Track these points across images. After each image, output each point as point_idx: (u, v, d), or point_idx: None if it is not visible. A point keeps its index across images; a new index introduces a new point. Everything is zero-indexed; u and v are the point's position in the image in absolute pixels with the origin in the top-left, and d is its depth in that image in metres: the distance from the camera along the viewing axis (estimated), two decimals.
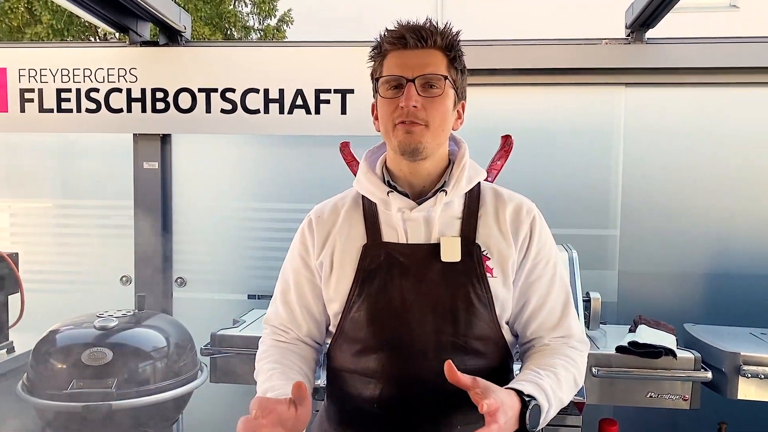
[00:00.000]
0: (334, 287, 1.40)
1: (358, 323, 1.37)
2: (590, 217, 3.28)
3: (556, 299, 1.41)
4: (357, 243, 1.40)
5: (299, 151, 3.40)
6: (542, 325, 1.41)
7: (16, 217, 3.64)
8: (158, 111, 3.29)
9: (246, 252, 3.48)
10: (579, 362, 1.39)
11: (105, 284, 3.52)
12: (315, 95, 3.23)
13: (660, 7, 2.81)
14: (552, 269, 1.42)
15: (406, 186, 1.41)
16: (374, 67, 1.40)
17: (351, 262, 1.39)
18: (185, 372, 2.49)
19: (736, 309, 3.17)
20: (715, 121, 3.21)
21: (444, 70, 1.33)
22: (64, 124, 3.36)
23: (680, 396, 2.50)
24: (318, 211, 1.50)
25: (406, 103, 1.29)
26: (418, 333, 1.34)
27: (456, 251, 1.35)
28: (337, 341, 1.43)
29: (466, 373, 1.17)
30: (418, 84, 1.30)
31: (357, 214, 1.44)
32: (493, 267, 1.36)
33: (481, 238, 1.38)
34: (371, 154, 1.50)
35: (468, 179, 1.41)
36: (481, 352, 1.36)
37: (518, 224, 1.40)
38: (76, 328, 2.45)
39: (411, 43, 1.31)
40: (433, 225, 1.36)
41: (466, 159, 1.42)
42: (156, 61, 3.31)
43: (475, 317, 1.34)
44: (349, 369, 1.41)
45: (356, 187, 1.46)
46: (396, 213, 1.37)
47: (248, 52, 3.36)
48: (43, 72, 3.35)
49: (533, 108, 3.30)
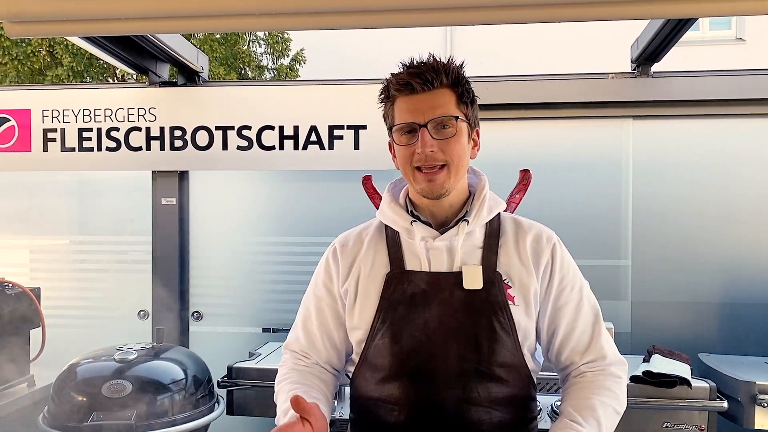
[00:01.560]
0: (358, 315, 1.43)
1: (382, 351, 1.39)
2: (602, 248, 3.29)
3: (584, 323, 1.44)
4: (381, 271, 1.43)
5: (314, 186, 3.46)
6: (575, 350, 1.43)
7: (37, 254, 3.71)
8: (176, 149, 3.38)
9: (261, 286, 3.52)
10: (618, 391, 1.40)
11: (123, 318, 3.57)
12: (329, 131, 3.30)
13: (665, 41, 2.87)
14: (578, 294, 1.45)
15: (428, 216, 1.45)
16: (385, 109, 1.44)
17: (375, 290, 1.42)
18: (202, 404, 2.51)
19: (751, 338, 3.16)
20: (722, 152, 3.24)
21: (454, 108, 1.36)
22: (86, 162, 3.45)
23: (697, 426, 2.48)
24: (343, 240, 1.54)
25: (422, 149, 1.33)
26: (441, 360, 1.36)
27: (478, 279, 1.38)
28: (360, 369, 1.45)
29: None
30: (431, 127, 1.34)
31: (381, 243, 1.47)
32: (515, 295, 1.39)
33: (502, 267, 1.41)
34: (394, 186, 1.54)
35: (489, 209, 1.44)
36: (504, 380, 1.37)
37: (539, 252, 1.43)
38: (95, 361, 2.49)
39: (418, 89, 1.34)
40: (455, 254, 1.40)
41: (486, 190, 1.46)
42: (174, 101, 3.41)
43: (498, 344, 1.36)
44: (372, 397, 1.43)
45: (379, 217, 1.50)
46: (419, 242, 1.40)
47: (263, 91, 3.46)
48: (65, 112, 3.45)
49: (543, 141, 3.35)
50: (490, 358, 1.36)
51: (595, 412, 1.33)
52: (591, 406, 1.34)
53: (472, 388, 1.35)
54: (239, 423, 2.89)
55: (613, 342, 1.49)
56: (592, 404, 1.34)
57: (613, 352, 1.46)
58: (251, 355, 2.92)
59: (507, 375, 1.38)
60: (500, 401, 1.20)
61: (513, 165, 2.68)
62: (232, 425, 2.95)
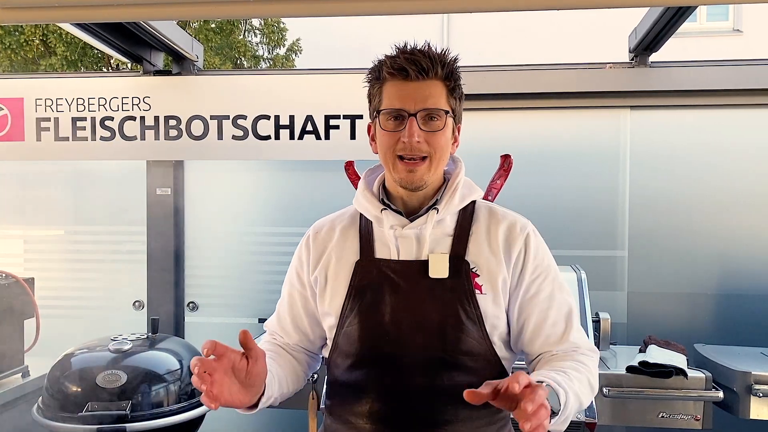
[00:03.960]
0: (329, 302, 1.43)
1: (351, 338, 1.40)
2: (599, 239, 3.29)
3: (557, 313, 1.41)
4: (351, 259, 1.43)
5: (309, 176, 3.45)
6: (547, 340, 1.40)
7: (31, 244, 3.69)
8: (171, 138, 3.36)
9: (257, 276, 3.51)
10: (590, 365, 1.37)
11: (118, 309, 3.56)
12: (325, 121, 3.28)
13: (663, 30, 2.86)
14: (550, 284, 1.42)
15: (400, 204, 1.43)
16: (372, 92, 1.41)
17: (344, 278, 1.42)
18: (198, 394, 2.50)
19: (746, 328, 3.16)
20: (720, 142, 3.24)
21: (444, 102, 1.34)
22: (79, 152, 3.43)
23: (692, 416, 2.49)
24: (316, 227, 1.55)
25: (408, 139, 1.31)
26: (407, 349, 1.35)
27: (444, 268, 1.36)
28: (332, 355, 1.46)
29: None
30: (420, 117, 1.32)
31: (353, 230, 1.47)
32: (483, 284, 1.37)
33: (470, 255, 1.39)
34: (370, 173, 1.53)
35: (461, 197, 1.42)
36: (471, 368, 1.36)
37: (511, 242, 1.41)
38: (90, 352, 2.47)
39: (412, 76, 1.32)
40: (424, 242, 1.38)
41: (460, 178, 1.44)
42: (169, 90, 3.39)
43: (463, 333, 1.35)
44: (342, 382, 1.44)
45: (354, 204, 1.50)
46: (388, 230, 1.40)
47: (259, 80, 3.44)
48: (59, 101, 3.42)
49: (541, 132, 3.34)
50: (456, 346, 1.35)
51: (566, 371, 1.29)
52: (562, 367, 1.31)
53: (438, 377, 1.34)
54: (234, 413, 2.88)
55: (586, 336, 1.46)
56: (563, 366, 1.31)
57: (586, 342, 1.43)
58: None
59: (473, 363, 1.36)
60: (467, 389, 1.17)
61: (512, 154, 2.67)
62: (228, 415, 2.94)
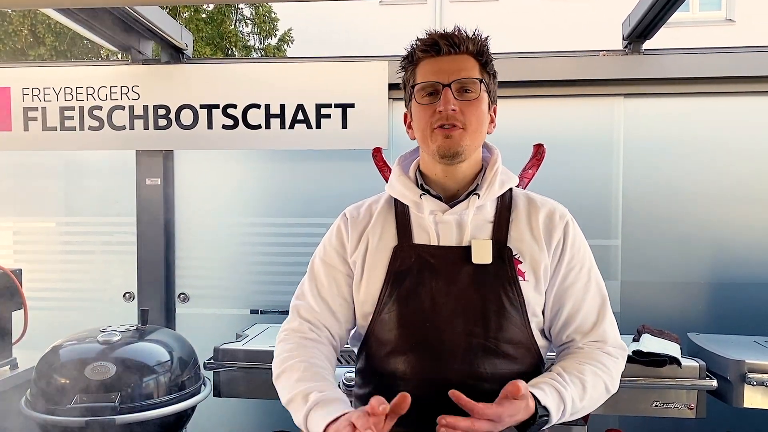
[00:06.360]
0: (365, 288, 1.41)
1: (388, 324, 1.38)
2: (591, 228, 3.26)
3: (590, 304, 1.41)
4: (389, 244, 1.41)
5: (300, 166, 3.41)
6: (577, 330, 1.41)
7: (20, 235, 3.65)
8: (160, 128, 3.32)
9: (248, 267, 3.48)
10: (612, 369, 1.37)
11: (108, 301, 3.53)
12: (316, 110, 3.24)
13: (657, 17, 2.84)
14: (586, 274, 1.43)
15: (439, 189, 1.42)
16: (406, 76, 1.43)
17: (382, 264, 1.40)
18: (189, 386, 2.47)
19: (740, 317, 3.16)
20: (714, 130, 3.22)
21: (478, 74, 1.36)
22: (68, 142, 3.38)
23: (686, 405, 2.49)
24: (353, 211, 1.52)
25: (444, 107, 1.32)
26: (447, 335, 1.34)
27: (487, 254, 1.35)
28: (367, 343, 1.43)
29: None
30: (454, 88, 1.33)
31: (390, 216, 1.45)
32: (525, 271, 1.37)
33: (512, 242, 1.38)
34: (404, 159, 1.52)
35: (501, 183, 1.42)
36: (512, 356, 1.35)
37: (551, 229, 1.41)
38: (79, 343, 2.44)
39: (444, 50, 1.35)
40: (465, 228, 1.37)
41: (498, 164, 1.44)
42: (158, 79, 3.34)
43: (506, 320, 1.34)
44: (378, 371, 1.41)
45: (388, 190, 1.48)
46: (428, 216, 1.38)
47: (249, 68, 3.39)
48: (46, 91, 3.37)
49: (533, 120, 3.31)
50: (498, 334, 1.34)
51: (583, 376, 1.31)
52: (580, 370, 1.32)
53: (479, 364, 1.33)
54: (226, 405, 2.87)
55: (617, 328, 1.46)
56: (582, 369, 1.33)
57: (615, 336, 1.43)
58: (238, 336, 2.89)
59: (515, 351, 1.36)
60: (507, 378, 1.17)
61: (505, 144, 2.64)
62: (219, 407, 2.92)
